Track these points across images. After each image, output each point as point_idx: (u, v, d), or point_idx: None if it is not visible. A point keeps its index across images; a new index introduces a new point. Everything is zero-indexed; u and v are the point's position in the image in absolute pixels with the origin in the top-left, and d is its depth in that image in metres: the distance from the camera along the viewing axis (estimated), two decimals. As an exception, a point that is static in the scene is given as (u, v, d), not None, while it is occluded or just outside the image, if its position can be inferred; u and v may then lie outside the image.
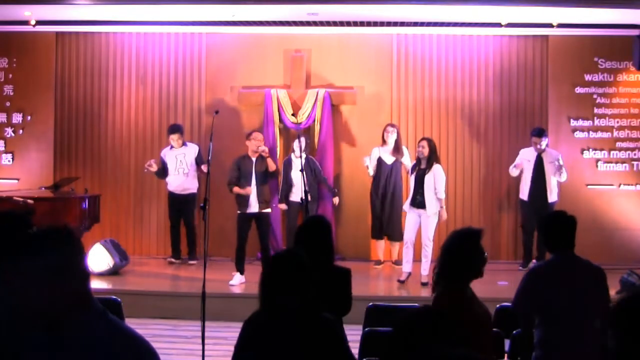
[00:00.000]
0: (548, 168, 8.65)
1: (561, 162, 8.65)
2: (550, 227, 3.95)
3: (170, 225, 9.21)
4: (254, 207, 7.96)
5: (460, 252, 3.48)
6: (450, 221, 9.07)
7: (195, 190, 9.10)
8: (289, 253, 3.12)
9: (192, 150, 9.04)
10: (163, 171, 8.99)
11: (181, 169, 8.94)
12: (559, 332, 3.83)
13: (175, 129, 9.01)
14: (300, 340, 2.93)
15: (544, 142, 8.65)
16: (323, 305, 3.04)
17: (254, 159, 8.02)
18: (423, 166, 7.81)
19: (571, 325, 3.81)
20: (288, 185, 8.85)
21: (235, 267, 8.02)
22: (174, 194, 9.04)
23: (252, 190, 7.94)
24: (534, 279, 3.98)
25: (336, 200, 8.97)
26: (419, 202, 7.78)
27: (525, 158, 8.77)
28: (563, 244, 3.90)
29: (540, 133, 8.70)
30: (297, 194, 8.69)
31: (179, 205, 9.04)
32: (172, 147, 8.99)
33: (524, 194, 8.83)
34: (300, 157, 8.08)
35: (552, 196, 8.71)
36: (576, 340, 3.80)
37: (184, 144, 9.02)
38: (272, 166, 8.07)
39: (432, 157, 7.79)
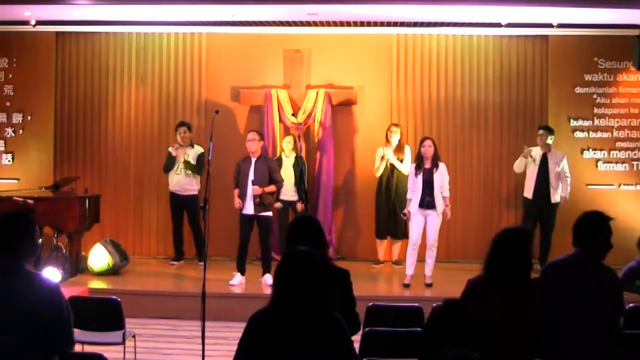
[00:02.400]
0: (552, 168, 8.72)
1: (566, 170, 8.76)
2: (576, 223, 3.99)
3: (173, 226, 9.17)
4: (249, 208, 7.92)
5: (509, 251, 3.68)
6: (451, 221, 9.06)
7: (196, 192, 9.06)
8: (303, 253, 3.08)
9: (197, 152, 8.98)
10: (172, 163, 8.97)
11: (184, 169, 8.92)
12: (565, 329, 3.85)
13: (182, 123, 9.06)
14: (308, 339, 2.92)
15: (551, 139, 8.78)
16: (333, 306, 3.03)
17: (253, 160, 8.00)
18: (428, 166, 7.80)
19: (575, 322, 3.84)
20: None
21: (236, 267, 8.02)
22: (175, 194, 9.02)
23: (247, 193, 7.89)
24: (547, 273, 4.03)
25: (300, 206, 8.74)
26: (427, 202, 7.77)
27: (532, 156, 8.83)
28: (580, 242, 3.94)
29: (551, 129, 8.88)
30: (285, 194, 8.77)
31: (182, 206, 9.00)
32: (178, 146, 8.95)
33: (529, 192, 8.86)
34: (297, 156, 8.10)
35: (556, 197, 8.76)
36: (581, 338, 3.82)
37: (191, 144, 8.99)
38: (257, 191, 7.85)
39: (436, 156, 7.85)
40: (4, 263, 3.37)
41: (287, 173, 8.81)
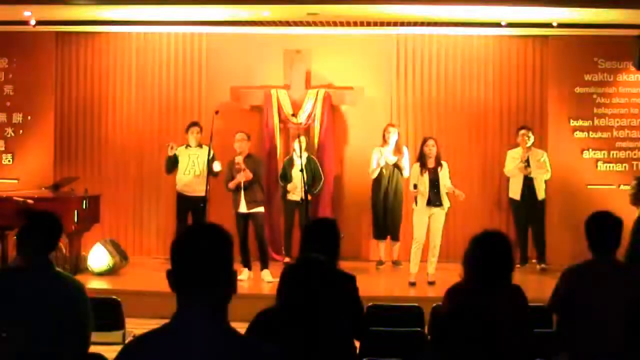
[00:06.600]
0: (535, 166, 8.79)
1: (546, 159, 8.87)
2: (589, 227, 3.93)
3: (177, 226, 9.08)
4: (242, 207, 8.01)
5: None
6: (450, 221, 9.06)
7: (204, 193, 8.98)
8: (314, 260, 3.10)
9: (206, 152, 8.90)
10: (173, 164, 8.86)
11: (193, 169, 8.81)
12: (586, 333, 3.81)
13: (193, 123, 8.96)
14: (315, 341, 2.93)
15: (532, 137, 8.87)
16: (339, 311, 3.05)
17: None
18: (432, 165, 7.87)
19: (597, 327, 3.78)
20: (287, 183, 8.88)
21: (241, 263, 8.02)
22: (183, 194, 8.89)
23: (240, 192, 8.00)
24: (567, 279, 3.97)
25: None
26: (434, 200, 7.83)
27: (515, 158, 8.90)
28: (600, 246, 3.86)
29: (529, 127, 9.01)
30: (295, 194, 8.75)
31: (188, 206, 8.84)
32: (187, 145, 8.86)
33: (515, 193, 8.94)
34: (301, 156, 8.12)
35: (541, 194, 8.86)
36: (601, 342, 3.74)
37: (199, 145, 8.87)
38: (248, 176, 7.95)
39: (439, 155, 7.95)
40: (42, 264, 3.42)
41: (300, 173, 8.70)
